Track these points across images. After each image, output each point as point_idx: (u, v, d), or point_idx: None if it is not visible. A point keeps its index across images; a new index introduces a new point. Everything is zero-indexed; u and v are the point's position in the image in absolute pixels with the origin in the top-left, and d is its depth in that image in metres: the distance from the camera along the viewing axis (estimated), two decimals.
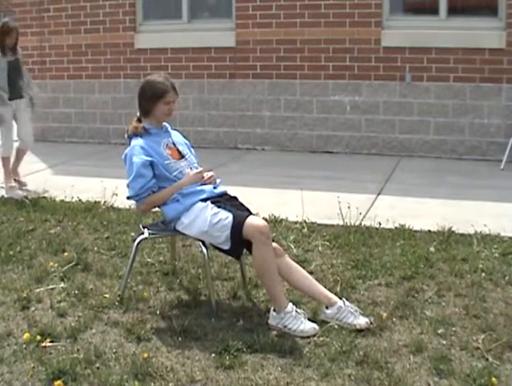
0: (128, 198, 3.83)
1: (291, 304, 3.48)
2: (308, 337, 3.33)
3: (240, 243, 3.54)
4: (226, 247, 3.57)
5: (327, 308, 3.52)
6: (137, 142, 3.77)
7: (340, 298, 3.56)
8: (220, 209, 3.60)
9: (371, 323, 3.43)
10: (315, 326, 3.41)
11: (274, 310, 3.49)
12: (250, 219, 3.52)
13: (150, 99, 3.80)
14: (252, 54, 8.58)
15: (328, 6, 8.17)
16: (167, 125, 3.99)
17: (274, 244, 3.60)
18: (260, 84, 8.61)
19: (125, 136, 3.89)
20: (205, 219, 3.59)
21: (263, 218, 4.44)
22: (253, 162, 7.88)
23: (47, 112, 9.65)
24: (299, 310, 3.48)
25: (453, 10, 7.94)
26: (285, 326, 3.41)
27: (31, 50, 9.58)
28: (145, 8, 9.13)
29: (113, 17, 9.10)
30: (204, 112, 8.90)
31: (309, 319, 3.47)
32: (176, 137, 4.00)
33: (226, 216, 3.55)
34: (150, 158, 3.70)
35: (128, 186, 3.75)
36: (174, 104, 3.87)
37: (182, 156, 3.88)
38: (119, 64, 9.17)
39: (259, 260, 3.50)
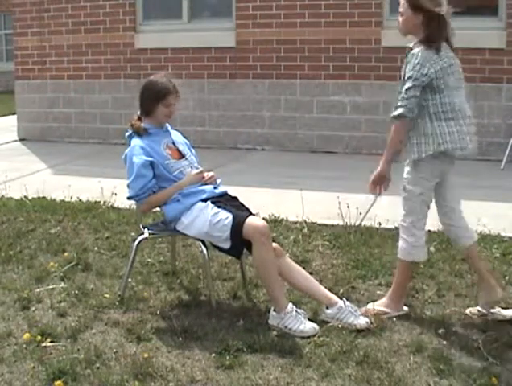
0: (128, 198, 3.83)
1: (291, 304, 3.48)
2: (308, 337, 3.33)
3: (240, 242, 3.54)
4: (227, 246, 3.58)
5: (327, 308, 3.52)
6: (137, 142, 3.77)
7: (341, 298, 3.56)
8: (220, 209, 3.60)
9: (371, 323, 3.43)
10: (315, 326, 3.41)
11: (275, 310, 3.49)
12: (250, 220, 3.52)
13: (152, 100, 3.80)
14: (252, 54, 8.58)
15: (328, 6, 8.17)
16: (168, 124, 4.00)
17: (274, 245, 3.61)
18: (260, 84, 8.61)
19: (126, 135, 3.89)
20: (205, 220, 3.59)
21: (263, 218, 4.44)
22: (253, 162, 7.88)
23: (47, 112, 9.66)
24: (299, 310, 3.48)
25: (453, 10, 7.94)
26: (285, 327, 3.41)
27: (31, 50, 9.59)
28: (145, 8, 9.13)
29: (113, 17, 9.10)
30: (204, 112, 8.90)
31: (309, 319, 3.47)
32: (176, 136, 4.00)
33: (226, 216, 3.55)
34: (150, 158, 3.70)
35: (128, 186, 3.75)
36: (175, 107, 3.87)
37: (182, 156, 3.89)
38: (119, 64, 9.17)
39: (259, 260, 3.51)
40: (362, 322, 3.43)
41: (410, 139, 3.50)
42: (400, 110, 3.42)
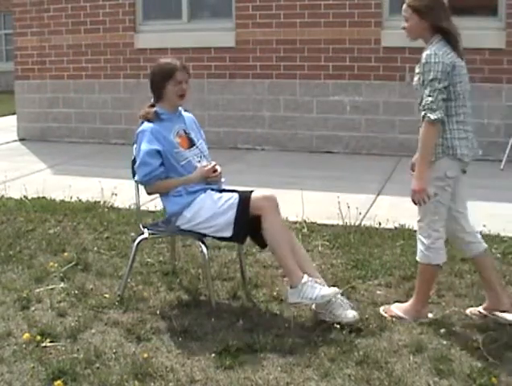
0: (136, 181, 3.83)
1: (306, 275, 3.47)
2: (326, 302, 3.35)
3: (244, 223, 3.54)
4: (228, 233, 3.57)
5: None
6: (148, 126, 3.72)
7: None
8: (223, 193, 3.65)
9: (360, 319, 3.44)
10: (336, 289, 3.44)
11: (291, 287, 3.48)
12: (256, 192, 3.58)
13: (160, 81, 3.75)
14: (252, 54, 8.58)
15: (328, 6, 8.17)
16: (181, 108, 3.93)
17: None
18: (260, 84, 8.61)
19: (139, 122, 3.83)
20: (210, 204, 3.60)
21: None
22: (253, 162, 7.88)
23: (47, 112, 9.66)
24: (317, 280, 3.48)
25: (453, 10, 7.93)
26: (305, 297, 3.41)
27: (31, 50, 9.59)
28: (145, 8, 9.12)
29: (113, 17, 9.10)
30: (204, 112, 8.89)
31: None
32: (189, 121, 3.94)
33: (231, 196, 3.59)
34: (157, 147, 3.66)
35: (135, 170, 3.77)
36: (186, 85, 3.79)
37: (192, 144, 3.83)
38: (119, 64, 9.17)
39: (271, 231, 3.52)
40: (350, 315, 3.44)
41: None
42: (437, 114, 3.29)
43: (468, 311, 3.64)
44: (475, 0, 8.31)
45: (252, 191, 3.60)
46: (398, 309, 3.60)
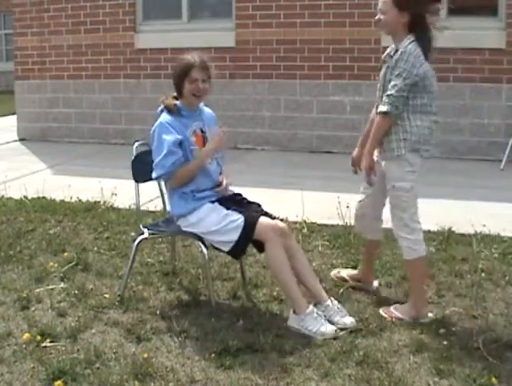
0: (156, 178, 3.71)
1: (311, 305, 3.47)
2: (325, 339, 3.31)
3: (245, 245, 3.54)
4: (226, 248, 3.57)
5: (315, 305, 3.52)
6: (166, 119, 3.66)
7: (329, 297, 3.57)
8: (229, 211, 3.60)
9: (357, 322, 3.46)
10: (335, 328, 3.39)
11: (294, 312, 3.47)
12: (264, 219, 3.53)
13: (177, 77, 3.68)
14: (252, 54, 8.58)
15: (328, 6, 8.17)
16: (201, 105, 3.85)
17: (281, 224, 3.63)
18: (260, 84, 8.61)
19: (158, 109, 3.77)
20: (216, 219, 3.57)
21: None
22: (253, 162, 7.88)
23: (47, 112, 9.66)
24: (319, 312, 3.46)
25: (453, 10, 7.94)
26: (305, 328, 3.39)
27: (31, 50, 9.59)
28: (145, 8, 9.12)
29: (113, 17, 9.10)
30: None
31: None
32: (208, 117, 3.88)
33: (237, 217, 3.54)
34: (180, 137, 3.61)
35: (157, 165, 3.63)
36: (203, 84, 3.69)
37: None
38: (119, 64, 9.17)
39: (272, 260, 3.51)
40: (347, 321, 3.45)
41: (390, 135, 3.48)
42: (388, 107, 3.40)
43: (332, 273, 4.07)
44: (475, 0, 8.31)
45: (261, 214, 3.57)
46: (397, 310, 3.60)
